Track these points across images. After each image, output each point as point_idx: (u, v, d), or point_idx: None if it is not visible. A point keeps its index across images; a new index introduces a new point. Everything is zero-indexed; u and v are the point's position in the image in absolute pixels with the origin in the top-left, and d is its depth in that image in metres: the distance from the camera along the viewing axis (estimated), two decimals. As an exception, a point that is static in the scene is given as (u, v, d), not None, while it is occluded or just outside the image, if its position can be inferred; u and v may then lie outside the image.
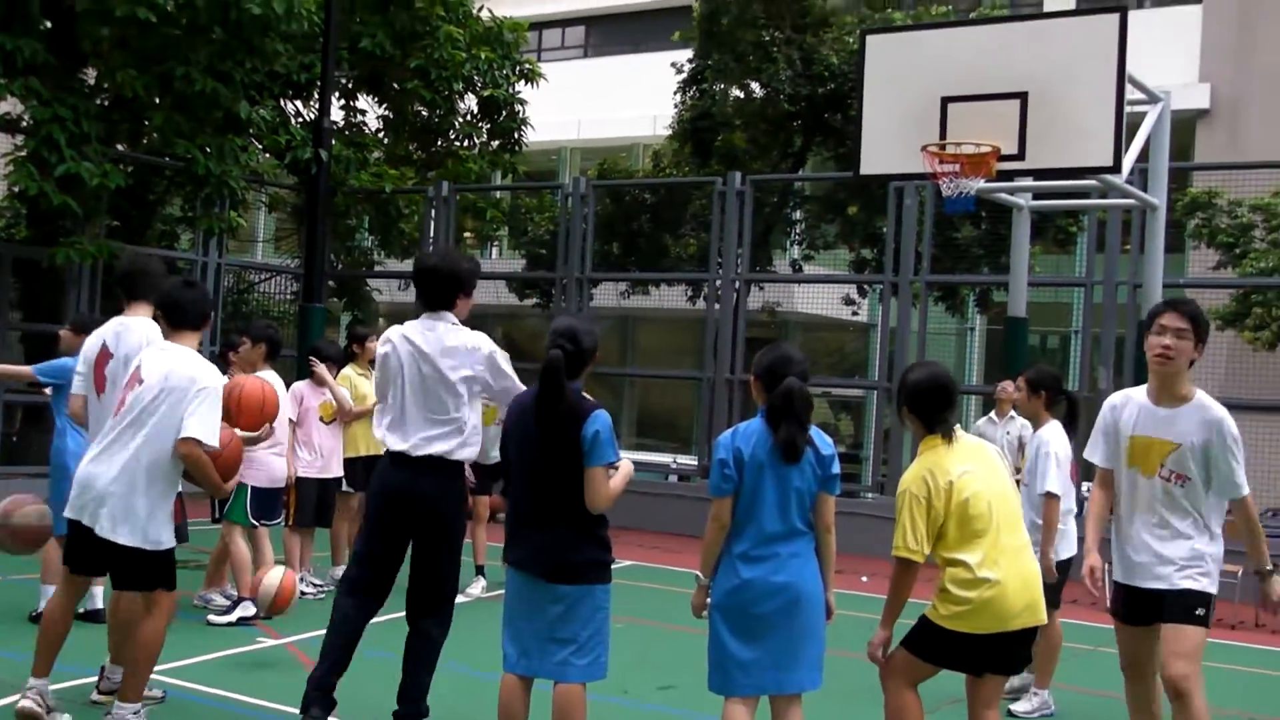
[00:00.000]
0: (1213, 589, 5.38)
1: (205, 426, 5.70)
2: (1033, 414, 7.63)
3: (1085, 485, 8.24)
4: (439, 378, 5.78)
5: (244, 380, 6.90)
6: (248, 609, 8.58)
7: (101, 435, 5.84)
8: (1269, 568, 5.47)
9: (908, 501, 4.96)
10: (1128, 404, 5.62)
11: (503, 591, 5.31)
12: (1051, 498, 7.13)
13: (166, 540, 5.81)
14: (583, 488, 5.02)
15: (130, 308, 6.61)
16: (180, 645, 7.33)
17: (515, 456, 5.21)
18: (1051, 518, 7.12)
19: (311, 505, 9.69)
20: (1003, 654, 4.98)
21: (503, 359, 5.86)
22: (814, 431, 5.01)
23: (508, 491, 5.30)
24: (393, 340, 5.91)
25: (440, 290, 5.93)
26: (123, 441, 5.70)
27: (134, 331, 6.46)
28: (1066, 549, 7.38)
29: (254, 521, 8.81)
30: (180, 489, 6.10)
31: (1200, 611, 5.33)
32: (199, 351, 6.07)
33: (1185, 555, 5.36)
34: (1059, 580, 7.23)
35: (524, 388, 5.64)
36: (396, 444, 5.81)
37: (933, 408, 5.11)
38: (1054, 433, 7.35)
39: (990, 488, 4.99)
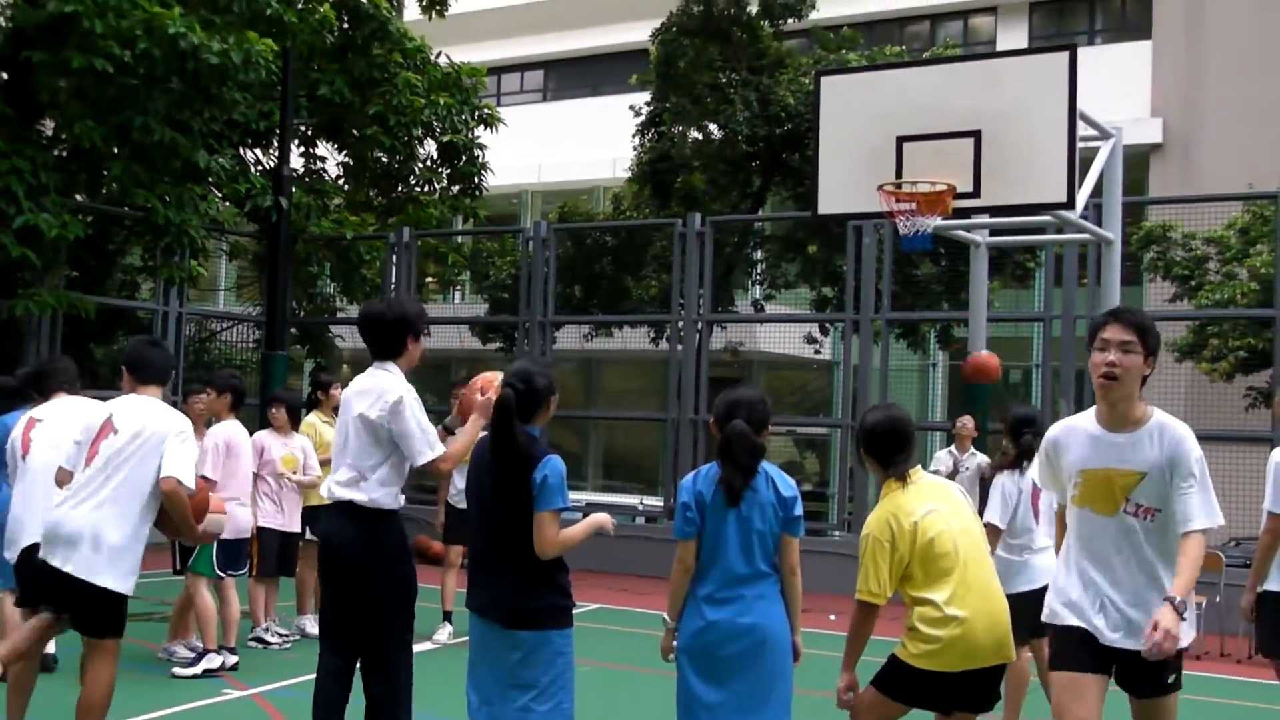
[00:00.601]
0: (1185, 642, 4.52)
1: (184, 467, 5.81)
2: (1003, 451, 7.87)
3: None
4: (357, 424, 5.66)
5: None
6: (213, 661, 8.52)
7: (73, 484, 5.85)
8: (1176, 598, 4.44)
9: (870, 546, 4.98)
10: (1072, 435, 4.80)
11: (468, 638, 5.28)
12: (988, 528, 7.23)
13: (130, 586, 5.83)
14: None
15: (51, 399, 7.06)
16: (145, 698, 7.27)
17: (474, 502, 5.19)
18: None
19: (274, 556, 9.66)
20: (972, 692, 4.99)
21: (409, 406, 5.59)
22: (776, 473, 5.03)
23: (470, 537, 5.26)
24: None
25: (377, 339, 5.77)
26: (95, 487, 5.76)
27: (68, 406, 6.88)
28: (1027, 581, 7.42)
29: (219, 572, 8.76)
30: None
31: (1172, 678, 4.65)
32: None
33: (1158, 609, 4.48)
34: (1033, 611, 7.28)
35: (429, 438, 5.59)
36: (327, 490, 5.78)
37: (889, 449, 5.15)
38: (1005, 470, 7.51)
39: (954, 525, 5.02)
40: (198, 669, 8.49)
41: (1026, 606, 7.32)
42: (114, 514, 5.73)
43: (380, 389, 5.63)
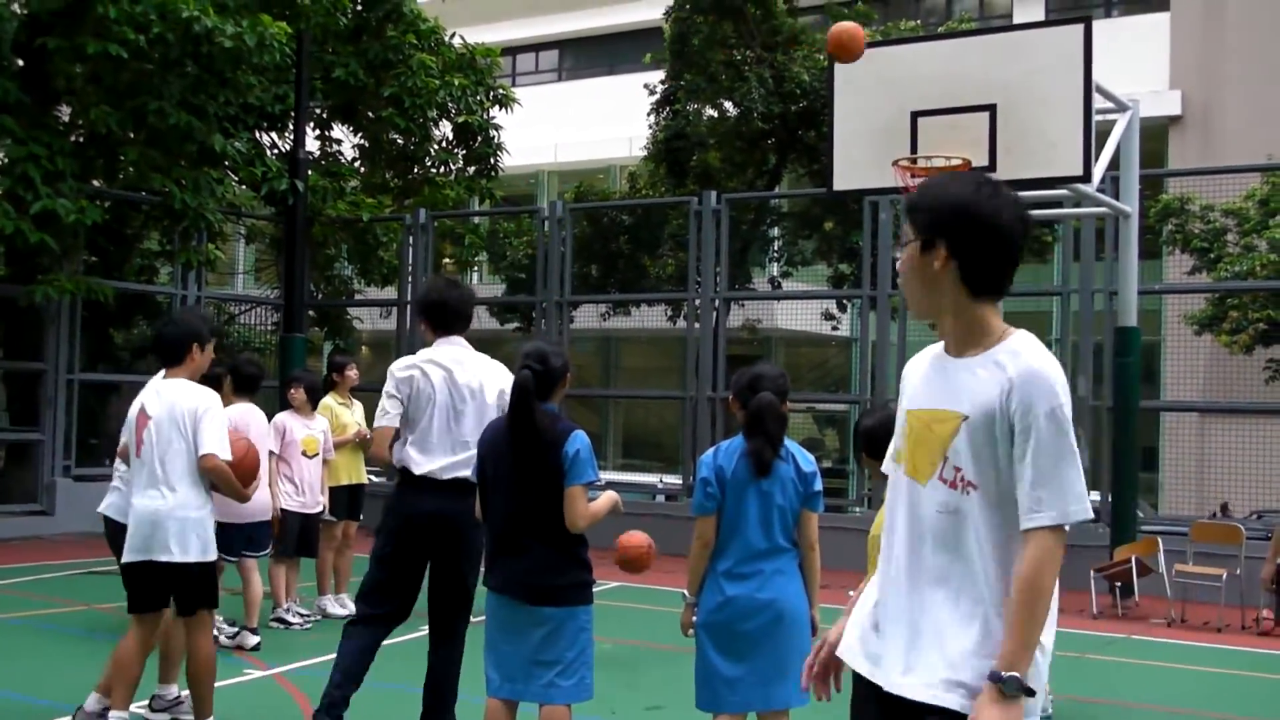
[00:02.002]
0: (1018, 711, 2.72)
1: (217, 441, 6.11)
2: None
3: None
4: (478, 403, 5.94)
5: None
6: (247, 639, 8.57)
7: (135, 477, 6.19)
8: (1001, 673, 2.69)
9: (873, 546, 4.97)
10: (915, 363, 3.18)
11: (484, 617, 5.30)
12: None
13: (212, 553, 6.19)
14: (561, 509, 5.02)
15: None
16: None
17: (492, 481, 5.21)
18: None
19: (294, 537, 9.67)
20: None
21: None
22: (796, 448, 5.05)
23: (485, 517, 5.30)
24: (420, 366, 6.01)
25: (459, 317, 6.15)
26: (154, 472, 6.08)
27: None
28: None
29: (240, 554, 8.79)
30: None
31: None
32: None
33: (970, 640, 2.81)
34: None
35: None
36: (422, 466, 5.92)
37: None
38: None
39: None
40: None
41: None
42: (179, 494, 6.05)
43: (494, 366, 6.10)
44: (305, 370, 11.73)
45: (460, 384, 5.95)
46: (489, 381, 6.02)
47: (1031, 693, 2.70)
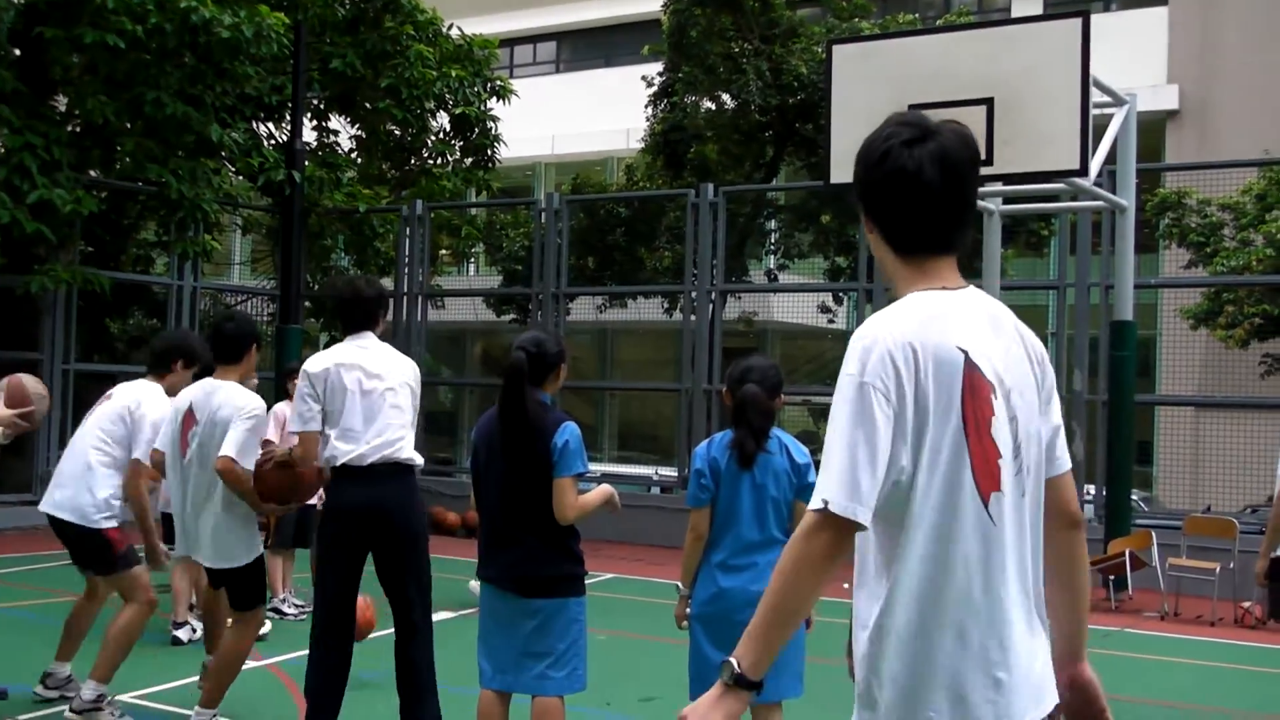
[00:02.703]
0: None
1: (239, 445, 5.99)
2: None
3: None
4: (396, 391, 5.80)
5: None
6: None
7: (180, 483, 6.26)
8: (725, 659, 2.46)
9: None
10: None
11: (476, 609, 5.30)
12: None
13: (254, 552, 6.25)
14: (551, 500, 4.99)
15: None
16: (158, 669, 7.33)
17: (484, 471, 5.19)
18: None
19: (290, 527, 9.69)
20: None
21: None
22: (789, 440, 5.04)
23: (478, 508, 5.27)
24: (335, 360, 5.80)
25: (367, 313, 5.95)
26: (199, 482, 6.14)
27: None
28: None
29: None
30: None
31: None
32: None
33: None
34: None
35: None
36: (346, 455, 5.69)
37: None
38: None
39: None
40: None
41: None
42: (221, 500, 6.09)
43: (401, 358, 5.94)
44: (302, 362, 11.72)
45: (374, 373, 5.78)
46: (406, 370, 5.90)
47: (750, 686, 2.41)
